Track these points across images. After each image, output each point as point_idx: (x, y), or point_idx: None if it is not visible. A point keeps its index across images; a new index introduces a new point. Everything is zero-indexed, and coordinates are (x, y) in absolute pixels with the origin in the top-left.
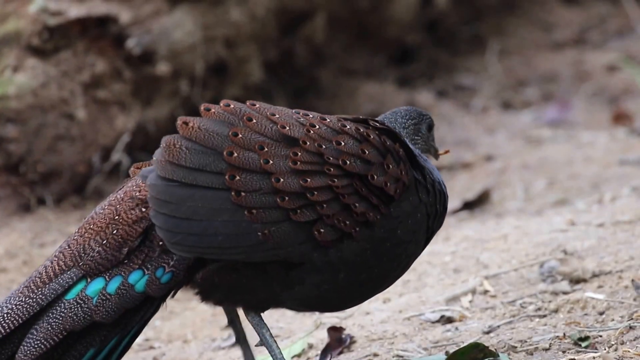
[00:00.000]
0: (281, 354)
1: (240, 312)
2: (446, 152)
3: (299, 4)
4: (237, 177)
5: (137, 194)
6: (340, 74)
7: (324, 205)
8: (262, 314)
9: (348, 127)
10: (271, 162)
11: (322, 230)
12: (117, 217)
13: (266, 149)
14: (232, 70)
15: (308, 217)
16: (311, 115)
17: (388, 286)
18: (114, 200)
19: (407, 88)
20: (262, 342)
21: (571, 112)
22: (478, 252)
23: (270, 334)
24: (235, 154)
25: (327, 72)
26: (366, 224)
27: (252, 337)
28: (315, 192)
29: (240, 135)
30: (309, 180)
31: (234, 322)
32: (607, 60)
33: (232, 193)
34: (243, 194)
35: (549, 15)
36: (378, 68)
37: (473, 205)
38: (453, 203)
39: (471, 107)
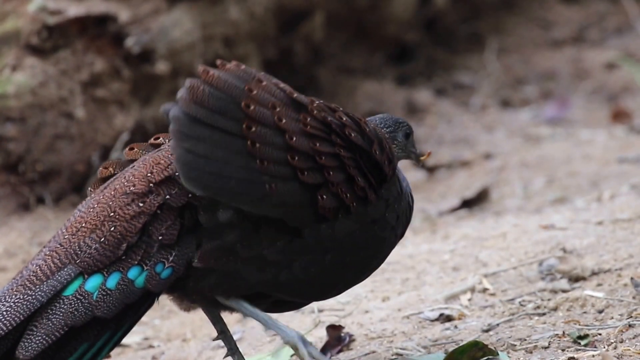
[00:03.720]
0: (267, 315)
1: (228, 320)
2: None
3: (298, 3)
4: (254, 129)
5: (132, 188)
6: (339, 73)
7: (331, 172)
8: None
9: (339, 107)
10: (284, 120)
11: (325, 196)
12: (112, 214)
13: (278, 109)
14: None
15: (314, 180)
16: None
17: (369, 274)
18: (102, 198)
19: (406, 86)
20: (246, 314)
21: (570, 110)
22: (477, 250)
23: (250, 303)
24: (252, 107)
25: (326, 71)
26: (364, 201)
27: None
28: (324, 157)
29: (255, 92)
30: (318, 144)
31: (224, 333)
32: (606, 58)
33: (248, 142)
34: (257, 145)
35: (547, 13)
36: (377, 66)
37: (472, 203)
38: (452, 201)
39: (470, 105)
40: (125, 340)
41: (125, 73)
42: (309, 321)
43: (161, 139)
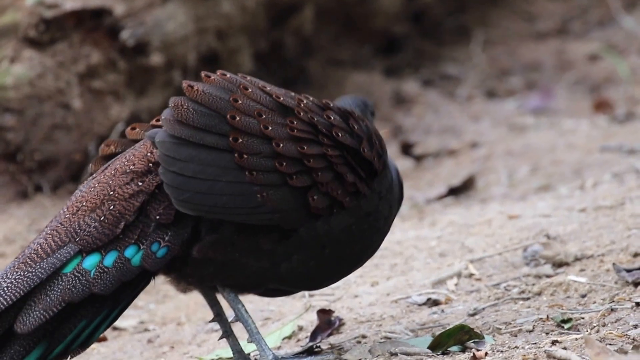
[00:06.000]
0: (256, 328)
1: (224, 304)
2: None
3: None
4: (240, 140)
5: (132, 167)
6: (328, 65)
7: (319, 173)
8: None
9: (331, 105)
10: (270, 128)
11: (315, 197)
12: (112, 193)
13: (264, 116)
14: (223, 60)
15: (303, 183)
16: (293, 93)
17: (363, 263)
18: (103, 177)
19: (394, 78)
20: (238, 318)
21: (554, 100)
22: (463, 236)
23: (246, 309)
24: (238, 118)
25: (316, 63)
26: (356, 195)
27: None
28: (312, 160)
29: (240, 102)
30: (305, 147)
31: (220, 315)
32: (589, 50)
33: (236, 154)
34: (245, 156)
35: (531, 6)
36: (365, 58)
37: (458, 191)
38: (439, 189)
39: (456, 96)
40: (121, 324)
41: (120, 65)
42: (299, 305)
43: (162, 115)
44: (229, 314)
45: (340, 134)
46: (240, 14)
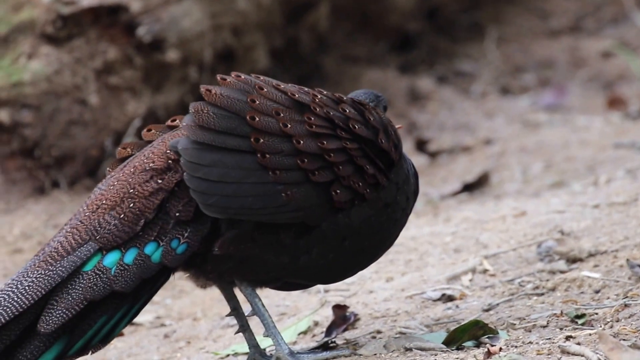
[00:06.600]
0: (273, 322)
1: (241, 298)
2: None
3: None
4: (262, 140)
5: (151, 164)
6: (343, 61)
7: (340, 167)
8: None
9: (344, 97)
10: (289, 125)
11: (338, 191)
12: (132, 191)
13: (282, 115)
14: (239, 57)
15: (326, 178)
16: (306, 88)
17: (381, 255)
18: (122, 175)
19: (409, 74)
20: (255, 312)
21: (567, 97)
22: (478, 232)
23: (262, 303)
24: (257, 119)
25: (331, 59)
26: (376, 187)
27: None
28: (332, 154)
29: (257, 102)
30: (325, 142)
31: (237, 310)
32: (602, 47)
33: (258, 155)
34: (267, 155)
35: (545, 3)
36: (380, 55)
37: (473, 187)
38: (453, 185)
39: (470, 93)
40: (138, 319)
41: (137, 61)
42: (315, 301)
43: (177, 121)
44: (246, 308)
45: (357, 127)
46: (255, 11)
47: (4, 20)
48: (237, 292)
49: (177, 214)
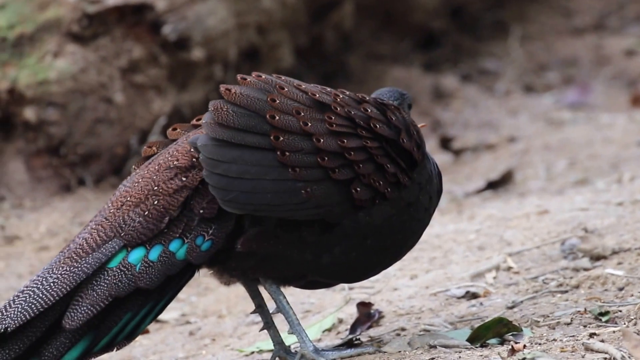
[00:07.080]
0: (297, 319)
1: (266, 296)
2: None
3: None
4: (282, 138)
5: (176, 162)
6: (368, 59)
7: (361, 165)
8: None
9: (367, 98)
10: (309, 124)
11: (358, 189)
12: (156, 188)
13: (302, 114)
14: (263, 55)
15: (346, 176)
16: (328, 88)
17: (404, 254)
18: (146, 173)
19: (433, 72)
20: (279, 309)
21: (591, 95)
22: (502, 230)
23: (287, 301)
24: (277, 117)
25: (355, 57)
26: (397, 185)
27: (279, 320)
28: (352, 152)
29: (277, 101)
30: (345, 141)
31: (261, 307)
32: (626, 45)
33: (278, 153)
34: (287, 153)
35: (569, 1)
36: (404, 53)
37: (497, 185)
38: (477, 183)
39: (494, 91)
40: (163, 316)
41: (162, 59)
42: (339, 298)
43: (202, 120)
44: (271, 305)
45: (378, 126)
46: (280, 9)
47: (30, 19)
48: (262, 289)
49: (202, 211)
